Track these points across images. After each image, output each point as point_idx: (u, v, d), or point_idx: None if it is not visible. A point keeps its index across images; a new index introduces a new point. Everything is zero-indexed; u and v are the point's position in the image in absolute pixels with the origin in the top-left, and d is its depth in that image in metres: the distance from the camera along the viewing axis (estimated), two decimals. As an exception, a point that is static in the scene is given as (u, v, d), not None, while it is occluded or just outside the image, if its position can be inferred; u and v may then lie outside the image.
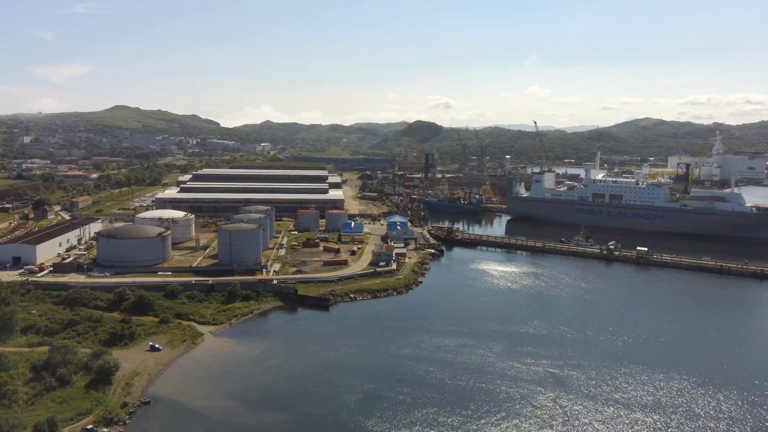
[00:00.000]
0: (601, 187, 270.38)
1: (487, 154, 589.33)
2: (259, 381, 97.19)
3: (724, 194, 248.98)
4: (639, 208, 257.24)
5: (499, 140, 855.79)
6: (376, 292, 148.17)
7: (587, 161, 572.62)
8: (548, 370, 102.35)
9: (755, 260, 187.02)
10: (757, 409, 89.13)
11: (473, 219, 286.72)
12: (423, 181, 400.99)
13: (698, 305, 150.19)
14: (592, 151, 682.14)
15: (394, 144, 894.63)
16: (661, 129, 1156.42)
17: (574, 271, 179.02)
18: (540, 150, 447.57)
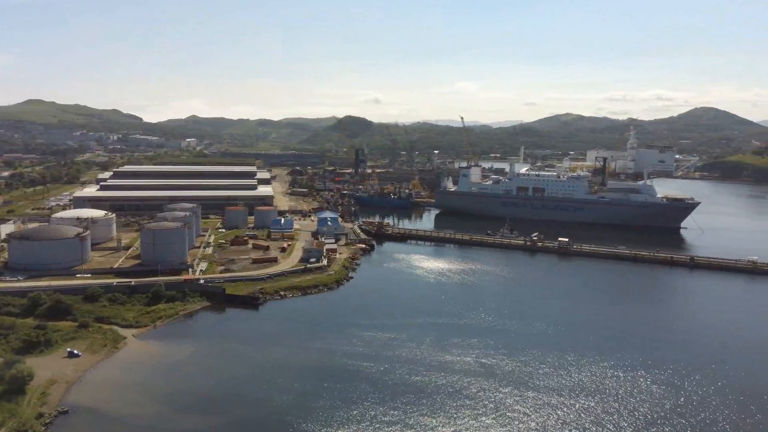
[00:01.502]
0: (525, 180, 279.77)
1: (416, 149, 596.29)
2: (187, 384, 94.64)
3: (637, 186, 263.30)
4: (560, 200, 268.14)
5: (427, 135, 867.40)
6: (307, 288, 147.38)
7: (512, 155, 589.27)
8: (478, 360, 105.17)
9: (665, 248, 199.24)
10: (674, 389, 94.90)
11: (403, 213, 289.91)
12: (353, 176, 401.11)
13: (616, 292, 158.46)
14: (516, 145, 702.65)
15: (324, 139, 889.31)
16: (581, 124, 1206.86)
17: (500, 262, 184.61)
18: (467, 145, 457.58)
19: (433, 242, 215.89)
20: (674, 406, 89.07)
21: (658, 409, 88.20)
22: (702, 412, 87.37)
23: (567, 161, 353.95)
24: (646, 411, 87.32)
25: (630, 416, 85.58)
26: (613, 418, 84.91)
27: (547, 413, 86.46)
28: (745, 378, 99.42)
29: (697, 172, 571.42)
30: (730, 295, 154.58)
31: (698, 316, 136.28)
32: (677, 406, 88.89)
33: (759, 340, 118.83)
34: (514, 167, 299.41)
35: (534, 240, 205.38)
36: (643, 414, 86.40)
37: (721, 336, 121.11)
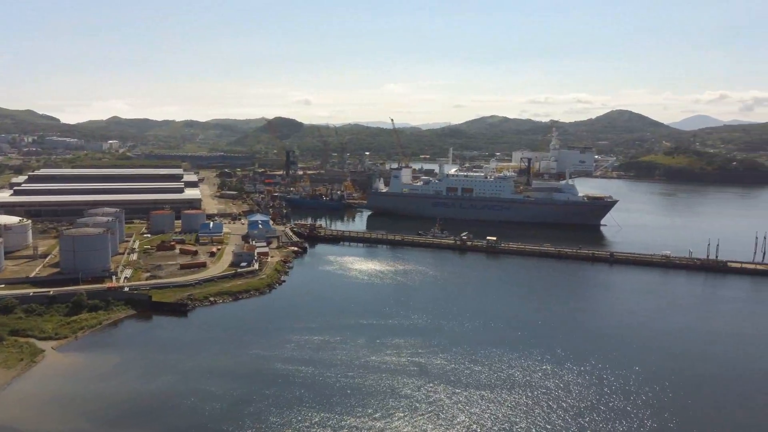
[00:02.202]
0: (454, 181, 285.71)
1: (347, 151, 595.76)
2: (114, 397, 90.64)
3: (560, 185, 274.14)
4: (488, 200, 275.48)
5: (358, 137, 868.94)
6: (238, 293, 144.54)
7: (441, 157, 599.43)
8: (412, 359, 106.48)
9: (587, 244, 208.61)
10: (597, 379, 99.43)
11: (335, 215, 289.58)
12: (284, 178, 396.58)
13: (542, 288, 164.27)
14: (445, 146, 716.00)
15: (254, 141, 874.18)
16: (506, 126, 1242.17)
17: (431, 261, 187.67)
18: (397, 146, 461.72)
19: (365, 243, 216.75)
20: (599, 395, 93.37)
21: (585, 399, 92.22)
22: (625, 399, 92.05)
23: (494, 162, 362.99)
24: (573, 402, 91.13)
25: (558, 408, 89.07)
26: (542, 411, 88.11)
27: (481, 409, 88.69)
28: (661, 364, 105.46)
29: (615, 171, 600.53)
30: (647, 288, 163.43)
31: (618, 309, 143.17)
32: (602, 396, 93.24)
33: (672, 329, 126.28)
34: (443, 168, 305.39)
35: (463, 239, 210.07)
36: (571, 405, 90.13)
37: (640, 326, 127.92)
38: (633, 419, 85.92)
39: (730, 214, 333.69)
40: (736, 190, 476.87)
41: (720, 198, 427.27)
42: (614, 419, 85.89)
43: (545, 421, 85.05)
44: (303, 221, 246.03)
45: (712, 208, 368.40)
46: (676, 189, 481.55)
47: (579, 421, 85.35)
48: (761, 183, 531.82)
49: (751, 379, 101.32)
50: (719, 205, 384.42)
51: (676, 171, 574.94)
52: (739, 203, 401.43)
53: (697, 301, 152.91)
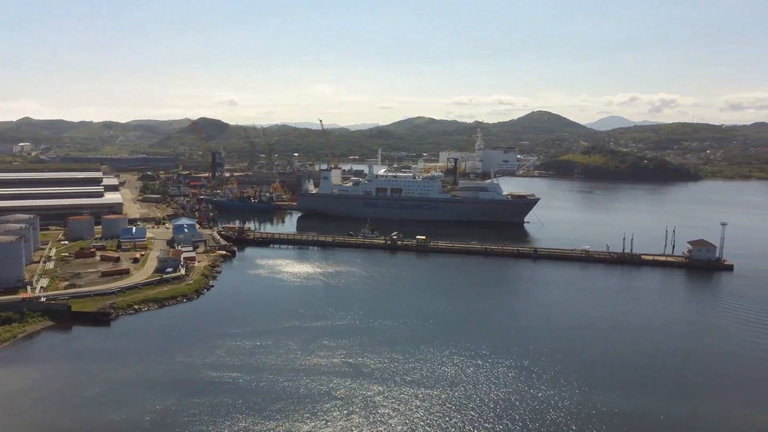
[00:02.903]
0: (383, 181, 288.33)
1: (275, 152, 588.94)
2: (33, 415, 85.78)
3: (485, 185, 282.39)
4: (417, 200, 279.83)
5: (287, 138, 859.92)
6: (164, 300, 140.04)
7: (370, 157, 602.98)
8: (346, 360, 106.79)
9: (512, 241, 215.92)
10: (526, 371, 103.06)
11: (265, 217, 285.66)
12: (210, 180, 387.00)
13: (470, 284, 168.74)
14: (373, 147, 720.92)
15: (177, 142, 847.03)
16: (433, 127, 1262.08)
17: (362, 262, 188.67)
18: (326, 147, 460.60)
19: (296, 245, 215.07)
20: (528, 387, 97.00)
21: (515, 390, 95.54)
22: (552, 389, 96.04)
23: (422, 162, 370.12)
24: (504, 394, 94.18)
25: (490, 401, 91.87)
26: (475, 404, 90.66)
27: (415, 406, 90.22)
28: (584, 353, 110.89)
29: (536, 170, 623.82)
30: (569, 281, 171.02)
31: (543, 302, 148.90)
32: (531, 387, 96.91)
33: (593, 320, 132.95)
34: (372, 169, 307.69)
35: (394, 239, 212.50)
36: (501, 396, 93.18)
37: (563, 319, 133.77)
38: (560, 408, 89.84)
39: (642, 209, 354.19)
40: (647, 186, 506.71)
41: (633, 194, 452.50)
42: (543, 409, 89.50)
43: (478, 414, 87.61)
44: (231, 224, 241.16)
45: (626, 204, 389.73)
46: (593, 186, 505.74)
47: (509, 412, 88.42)
48: (669, 180, 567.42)
49: (663, 363, 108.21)
50: (632, 202, 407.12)
51: (593, 169, 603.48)
52: (650, 199, 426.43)
53: (614, 293, 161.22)
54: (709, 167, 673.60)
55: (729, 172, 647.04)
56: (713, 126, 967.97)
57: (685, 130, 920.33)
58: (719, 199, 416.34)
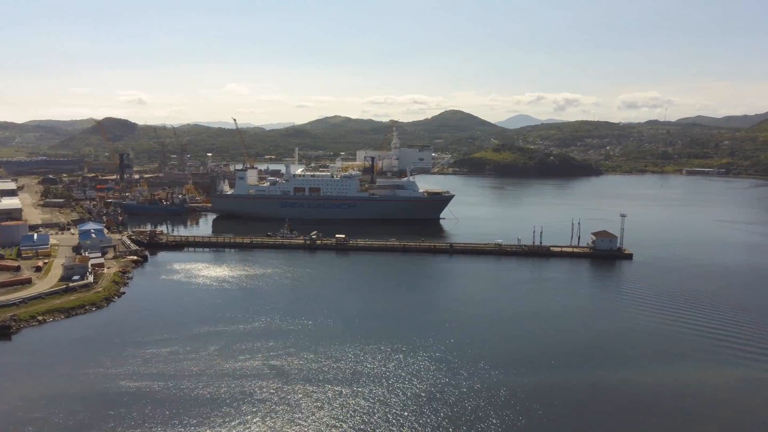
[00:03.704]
0: (301, 181, 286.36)
1: (188, 152, 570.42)
2: None
3: (402, 182, 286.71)
4: (335, 199, 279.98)
5: (199, 137, 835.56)
6: (71, 310, 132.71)
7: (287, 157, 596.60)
8: (267, 362, 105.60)
9: (429, 237, 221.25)
10: (446, 363, 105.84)
11: (178, 220, 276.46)
12: (118, 182, 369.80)
13: (390, 281, 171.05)
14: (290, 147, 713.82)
15: (81, 143, 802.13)
16: (349, 126, 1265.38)
17: (282, 262, 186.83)
18: (241, 147, 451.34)
19: (212, 248, 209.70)
20: (449, 378, 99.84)
21: (436, 383, 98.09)
22: (471, 379, 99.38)
23: (339, 161, 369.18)
24: (426, 387, 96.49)
25: (412, 394, 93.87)
26: (398, 398, 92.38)
27: (339, 403, 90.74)
28: (500, 343, 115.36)
29: (450, 168, 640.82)
30: (483, 274, 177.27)
31: (460, 296, 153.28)
32: (451, 379, 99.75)
33: (507, 310, 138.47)
34: (290, 168, 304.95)
35: (313, 238, 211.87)
36: (424, 391, 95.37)
37: (479, 311, 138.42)
38: (480, 396, 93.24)
39: (549, 203, 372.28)
40: (553, 181, 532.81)
41: (541, 189, 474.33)
42: (463, 398, 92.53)
43: (401, 408, 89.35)
44: (142, 228, 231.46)
45: (534, 199, 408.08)
46: (504, 182, 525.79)
47: (431, 404, 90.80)
48: (574, 175, 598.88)
49: (573, 345, 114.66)
50: (540, 196, 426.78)
51: (504, 166, 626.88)
52: (556, 193, 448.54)
53: (526, 284, 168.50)
54: (609, 162, 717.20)
55: (626, 166, 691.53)
56: (612, 123, 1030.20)
57: (587, 127, 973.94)
58: (619, 192, 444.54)
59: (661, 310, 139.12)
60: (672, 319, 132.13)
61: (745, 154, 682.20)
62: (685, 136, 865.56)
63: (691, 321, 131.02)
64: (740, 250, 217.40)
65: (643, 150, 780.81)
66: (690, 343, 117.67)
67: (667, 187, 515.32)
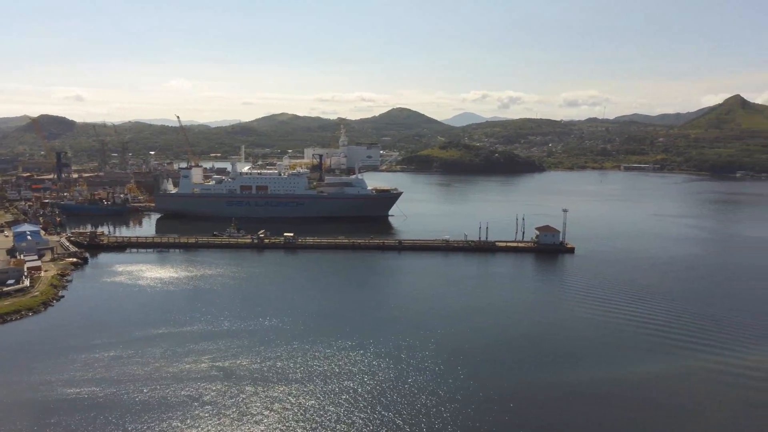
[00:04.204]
0: (248, 179, 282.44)
1: (129, 151, 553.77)
2: None
3: (351, 180, 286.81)
4: (283, 197, 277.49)
5: (141, 135, 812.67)
6: (6, 315, 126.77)
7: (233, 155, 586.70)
8: (215, 364, 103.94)
9: (378, 234, 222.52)
10: (394, 359, 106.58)
11: (119, 220, 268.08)
12: (55, 182, 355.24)
13: (339, 278, 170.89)
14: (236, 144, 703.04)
15: (15, 142, 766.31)
16: (297, 123, 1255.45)
17: (229, 262, 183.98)
18: (185, 145, 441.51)
19: (156, 249, 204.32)
20: (398, 373, 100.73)
21: (386, 379, 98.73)
22: (421, 373, 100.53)
23: (287, 159, 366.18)
24: (376, 383, 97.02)
25: (363, 391, 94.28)
26: (349, 396, 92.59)
27: (290, 403, 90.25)
28: (448, 337, 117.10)
29: (398, 165, 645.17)
30: (431, 270, 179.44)
31: (409, 291, 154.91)
32: (401, 373, 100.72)
33: (455, 305, 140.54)
34: (236, 166, 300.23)
35: (261, 237, 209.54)
36: (375, 386, 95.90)
37: (428, 305, 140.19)
38: (429, 391, 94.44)
39: (495, 199, 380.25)
40: (498, 178, 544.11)
41: (486, 186, 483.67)
42: (413, 393, 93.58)
43: (352, 405, 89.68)
44: (81, 229, 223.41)
45: (480, 195, 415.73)
46: (451, 179, 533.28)
47: (382, 399, 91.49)
48: (518, 171, 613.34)
49: (520, 338, 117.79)
50: (486, 192, 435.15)
51: (450, 163, 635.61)
52: (501, 190, 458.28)
53: (473, 279, 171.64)
54: (552, 159, 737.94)
55: (568, 163, 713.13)
56: (554, 121, 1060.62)
57: (530, 125, 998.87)
58: (561, 188, 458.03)
59: (602, 302, 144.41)
60: (612, 311, 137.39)
61: (678, 150, 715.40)
62: (622, 134, 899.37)
63: (630, 312, 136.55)
64: (675, 243, 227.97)
65: (584, 147, 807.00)
66: (629, 333, 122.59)
67: (606, 182, 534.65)
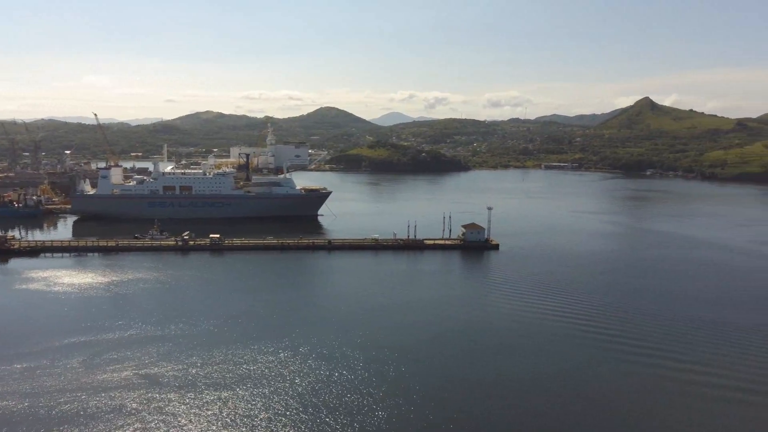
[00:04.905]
0: (171, 179, 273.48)
1: (42, 150, 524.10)
2: None
3: (279, 180, 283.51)
4: (208, 197, 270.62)
5: (56, 134, 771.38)
6: None
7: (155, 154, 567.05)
8: (138, 371, 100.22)
9: (307, 234, 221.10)
10: (325, 359, 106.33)
11: (32, 223, 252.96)
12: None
13: (269, 280, 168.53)
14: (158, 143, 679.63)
15: None
16: (222, 122, 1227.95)
17: (152, 266, 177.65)
18: (103, 144, 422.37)
19: (73, 253, 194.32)
20: (330, 373, 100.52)
21: (318, 379, 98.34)
22: (353, 373, 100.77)
23: (212, 158, 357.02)
24: (308, 384, 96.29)
25: (295, 393, 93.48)
26: (281, 398, 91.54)
27: (218, 408, 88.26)
28: (379, 335, 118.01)
29: (327, 164, 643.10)
30: (362, 269, 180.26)
31: (339, 291, 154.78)
32: (333, 372, 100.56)
33: (385, 303, 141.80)
34: (158, 166, 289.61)
35: (186, 239, 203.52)
36: (306, 387, 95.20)
37: (359, 304, 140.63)
38: (359, 390, 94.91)
39: (423, 198, 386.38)
40: (426, 177, 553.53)
41: (414, 185, 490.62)
42: (344, 392, 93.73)
43: (284, 407, 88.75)
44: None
45: (409, 194, 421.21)
46: (380, 179, 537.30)
47: (314, 400, 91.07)
48: (444, 170, 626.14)
49: (449, 333, 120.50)
50: (414, 191, 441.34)
51: (379, 162, 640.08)
52: (428, 188, 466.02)
53: (403, 276, 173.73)
54: (476, 158, 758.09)
55: (492, 162, 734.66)
56: (478, 121, 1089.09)
57: (456, 125, 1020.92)
58: (486, 186, 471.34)
59: (525, 296, 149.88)
60: (534, 304, 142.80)
61: (594, 149, 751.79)
62: (542, 134, 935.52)
63: (552, 305, 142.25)
64: (592, 238, 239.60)
65: (507, 146, 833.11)
66: (551, 326, 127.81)
67: (528, 180, 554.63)
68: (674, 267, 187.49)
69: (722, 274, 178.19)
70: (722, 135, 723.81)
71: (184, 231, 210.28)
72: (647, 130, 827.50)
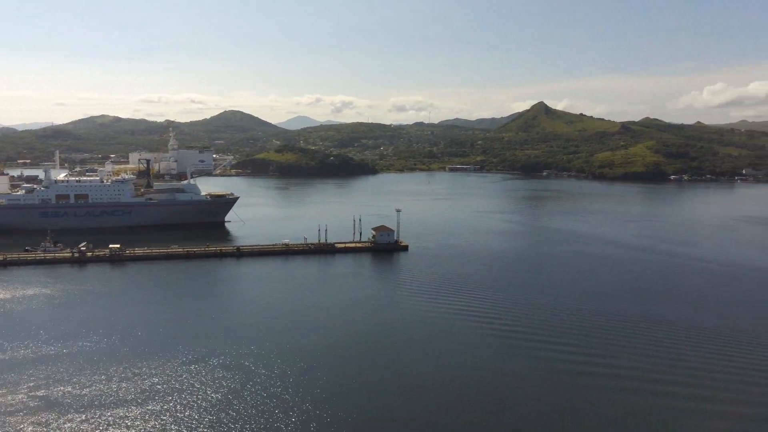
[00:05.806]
0: (64, 187, 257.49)
1: None
2: None
3: (182, 186, 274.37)
4: (106, 205, 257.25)
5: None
6: None
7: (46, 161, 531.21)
8: (33, 393, 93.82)
9: (214, 241, 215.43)
10: (239, 370, 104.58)
11: None
12: None
13: (174, 290, 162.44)
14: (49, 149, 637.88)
15: None
16: (119, 126, 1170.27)
17: (45, 280, 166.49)
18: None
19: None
20: (244, 382, 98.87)
21: (230, 390, 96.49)
22: (267, 380, 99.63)
23: (109, 164, 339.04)
24: (221, 396, 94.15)
25: (208, 405, 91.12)
26: (193, 411, 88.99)
27: (126, 426, 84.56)
28: (290, 341, 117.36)
29: (233, 169, 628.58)
30: (273, 275, 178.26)
31: (250, 299, 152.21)
32: (246, 382, 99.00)
33: (296, 308, 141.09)
34: (50, 173, 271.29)
35: (83, 250, 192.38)
36: (218, 399, 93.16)
37: (269, 311, 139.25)
38: (273, 398, 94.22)
39: (332, 201, 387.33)
40: (334, 180, 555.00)
41: (323, 188, 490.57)
42: (258, 403, 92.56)
43: (197, 421, 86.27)
44: None
45: (318, 198, 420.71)
46: (288, 183, 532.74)
47: (228, 411, 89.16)
48: (353, 174, 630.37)
49: (360, 336, 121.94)
50: (323, 195, 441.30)
51: (287, 166, 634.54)
52: (337, 192, 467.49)
53: (314, 281, 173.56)
54: (384, 162, 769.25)
55: (399, 165, 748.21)
56: (384, 125, 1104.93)
57: (363, 129, 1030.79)
58: (393, 189, 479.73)
59: (433, 296, 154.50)
60: (442, 304, 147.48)
61: (494, 152, 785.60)
62: (446, 137, 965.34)
63: (459, 304, 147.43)
64: (495, 236, 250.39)
65: (412, 150, 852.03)
66: (459, 325, 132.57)
67: (434, 183, 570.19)
68: (568, 261, 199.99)
69: (612, 267, 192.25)
70: (609, 137, 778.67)
71: (81, 242, 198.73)
72: (542, 133, 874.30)
